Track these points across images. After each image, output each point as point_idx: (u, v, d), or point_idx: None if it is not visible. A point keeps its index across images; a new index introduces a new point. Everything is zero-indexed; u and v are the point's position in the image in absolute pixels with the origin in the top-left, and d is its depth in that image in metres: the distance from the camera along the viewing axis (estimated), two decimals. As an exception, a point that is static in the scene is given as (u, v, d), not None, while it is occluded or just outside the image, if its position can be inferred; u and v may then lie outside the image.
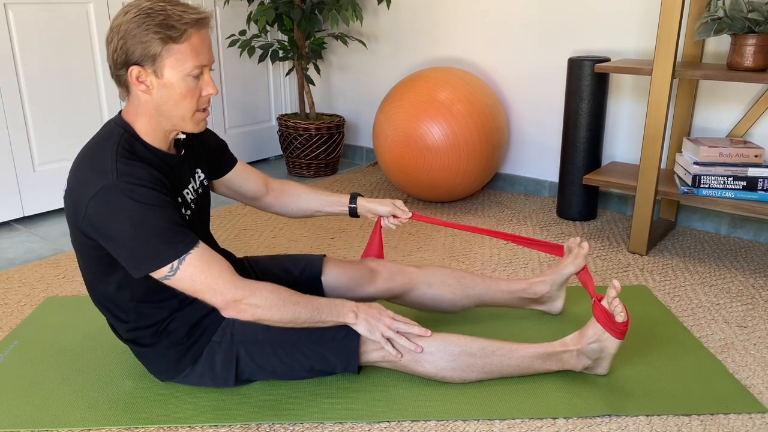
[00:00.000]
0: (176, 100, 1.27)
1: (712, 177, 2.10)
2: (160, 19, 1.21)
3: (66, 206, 1.29)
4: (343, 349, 1.43)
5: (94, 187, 1.21)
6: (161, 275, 1.25)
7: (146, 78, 1.25)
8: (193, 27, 1.24)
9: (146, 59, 1.23)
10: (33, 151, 2.59)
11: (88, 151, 1.28)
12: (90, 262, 1.34)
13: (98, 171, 1.22)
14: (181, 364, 1.43)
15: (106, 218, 1.21)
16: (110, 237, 1.22)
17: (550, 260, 2.22)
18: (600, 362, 1.49)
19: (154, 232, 1.21)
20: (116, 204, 1.20)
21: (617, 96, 2.62)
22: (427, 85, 2.62)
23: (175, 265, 1.23)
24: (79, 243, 1.32)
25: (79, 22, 2.63)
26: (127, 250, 1.22)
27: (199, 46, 1.25)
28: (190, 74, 1.25)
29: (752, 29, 1.99)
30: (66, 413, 1.41)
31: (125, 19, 1.22)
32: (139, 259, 1.23)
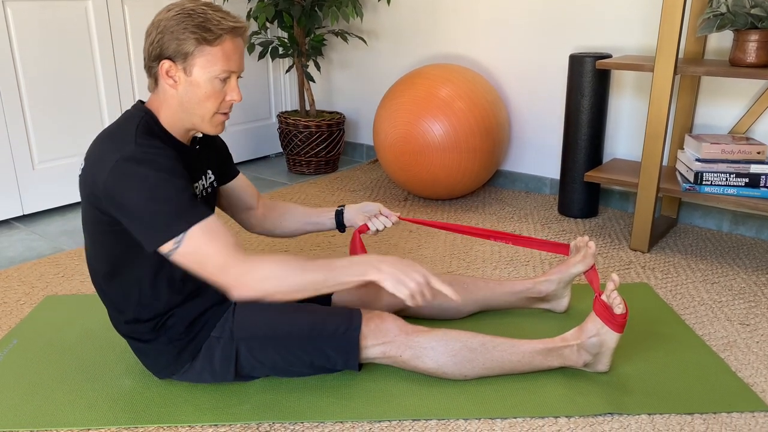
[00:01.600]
0: (200, 99, 1.32)
1: (714, 174, 2.09)
2: (199, 20, 1.27)
3: (83, 185, 1.30)
4: (344, 344, 1.43)
5: (113, 158, 1.23)
6: (167, 250, 1.24)
7: (175, 73, 1.30)
8: (228, 33, 1.29)
9: (178, 55, 1.28)
10: (32, 149, 2.59)
11: (108, 131, 1.31)
12: (102, 243, 1.34)
13: (118, 144, 1.26)
14: (180, 361, 1.43)
15: (123, 188, 1.22)
16: (126, 208, 1.23)
17: (552, 257, 2.21)
18: (600, 358, 1.48)
19: (165, 204, 1.23)
20: (133, 173, 1.22)
21: (619, 93, 2.61)
22: (428, 82, 2.61)
23: (179, 239, 1.23)
24: (93, 221, 1.32)
25: (78, 20, 2.62)
26: (139, 221, 1.24)
27: (230, 52, 1.30)
28: (217, 77, 1.30)
29: (755, 25, 1.98)
30: (65, 412, 1.40)
31: (167, 16, 1.28)
32: (150, 230, 1.24)
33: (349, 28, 3.38)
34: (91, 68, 2.70)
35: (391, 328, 1.45)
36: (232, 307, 1.44)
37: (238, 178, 1.65)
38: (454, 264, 2.16)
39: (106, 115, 2.78)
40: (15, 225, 2.59)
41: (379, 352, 1.45)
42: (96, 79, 2.73)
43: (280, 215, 1.69)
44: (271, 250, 2.29)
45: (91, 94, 2.72)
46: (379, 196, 2.88)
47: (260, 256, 1.27)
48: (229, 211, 1.68)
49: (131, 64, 2.83)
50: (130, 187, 1.22)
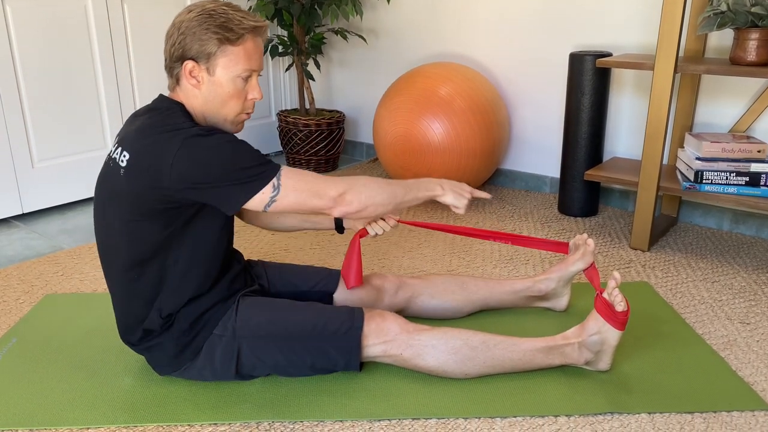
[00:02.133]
0: (223, 99, 1.34)
1: (715, 172, 2.09)
2: (221, 21, 1.29)
3: (132, 176, 1.27)
4: (345, 343, 1.43)
5: (176, 142, 1.24)
6: (265, 200, 1.28)
7: (198, 73, 1.32)
8: (250, 33, 1.32)
9: (201, 56, 1.30)
10: (32, 147, 2.58)
11: (152, 122, 1.30)
12: (139, 238, 1.32)
13: (173, 130, 1.26)
14: (183, 358, 1.43)
15: (199, 164, 1.23)
16: (205, 181, 1.24)
17: (552, 256, 2.21)
18: (601, 356, 1.48)
19: (246, 160, 1.26)
20: (203, 147, 1.24)
21: (619, 91, 2.61)
22: (428, 81, 2.61)
23: (276, 183, 1.28)
24: (136, 214, 1.30)
25: (77, 18, 2.62)
26: (227, 184, 1.25)
27: (252, 52, 1.33)
28: (239, 76, 1.33)
29: (755, 23, 1.97)
30: (65, 411, 1.40)
31: (188, 17, 1.30)
32: (242, 187, 1.26)
33: (349, 27, 3.38)
34: (91, 67, 2.70)
35: (392, 327, 1.45)
36: (235, 305, 1.44)
37: None
38: (454, 263, 2.16)
39: (106, 114, 2.78)
40: (14, 223, 2.59)
41: (380, 350, 1.45)
42: (95, 77, 2.72)
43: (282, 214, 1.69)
44: (273, 248, 2.28)
45: (90, 92, 2.72)
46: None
47: (349, 178, 1.37)
48: None
49: (131, 62, 2.82)
50: (207, 156, 1.24)
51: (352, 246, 1.59)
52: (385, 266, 2.14)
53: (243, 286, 1.51)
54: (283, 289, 1.62)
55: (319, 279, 1.66)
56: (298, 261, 2.18)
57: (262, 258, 2.19)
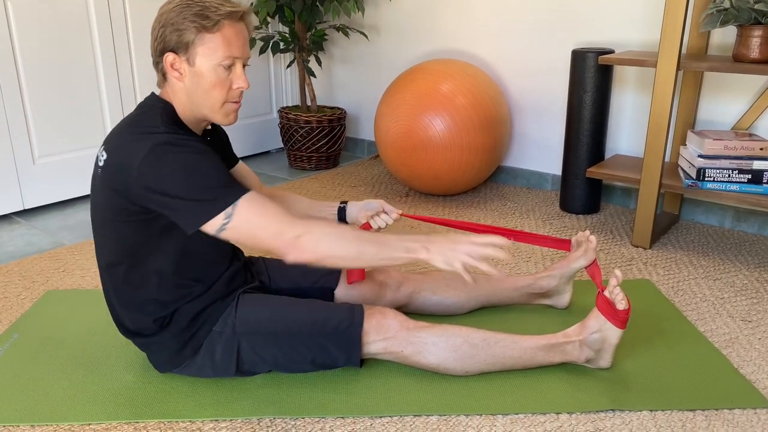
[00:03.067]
0: (206, 89, 1.31)
1: (717, 170, 2.09)
2: (197, 9, 1.27)
3: (106, 175, 1.28)
4: (345, 340, 1.43)
5: (145, 146, 1.23)
6: (216, 225, 1.23)
7: (180, 65, 1.30)
8: (227, 18, 1.28)
9: (181, 47, 1.28)
10: (33, 144, 2.58)
11: (130, 121, 1.31)
12: (122, 234, 1.32)
13: (146, 133, 1.25)
14: (183, 355, 1.43)
15: (160, 173, 1.22)
16: (166, 191, 1.22)
17: (553, 253, 2.20)
18: (602, 354, 1.48)
19: (207, 181, 1.23)
20: (169, 157, 1.22)
21: (621, 88, 2.60)
22: (429, 78, 2.60)
23: (230, 211, 1.23)
24: (115, 211, 1.30)
25: (78, 14, 2.61)
26: (181, 201, 1.22)
27: (231, 38, 1.29)
28: (220, 64, 1.29)
29: (759, 20, 1.97)
30: (66, 407, 1.40)
31: (167, 8, 1.29)
32: (195, 208, 1.23)
33: (351, 23, 3.37)
34: (92, 63, 2.69)
35: (393, 323, 1.44)
36: (234, 302, 1.43)
37: (239, 166, 1.63)
38: (456, 260, 2.16)
39: (107, 110, 2.78)
40: (15, 220, 2.59)
41: (380, 347, 1.45)
42: (96, 73, 2.72)
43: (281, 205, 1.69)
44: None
45: (91, 88, 2.71)
46: (381, 192, 2.87)
47: (313, 221, 1.28)
48: None
49: (132, 58, 2.82)
50: (170, 169, 1.22)
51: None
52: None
53: (243, 283, 1.50)
54: (284, 285, 1.62)
55: (320, 275, 1.65)
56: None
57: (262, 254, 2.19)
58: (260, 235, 1.24)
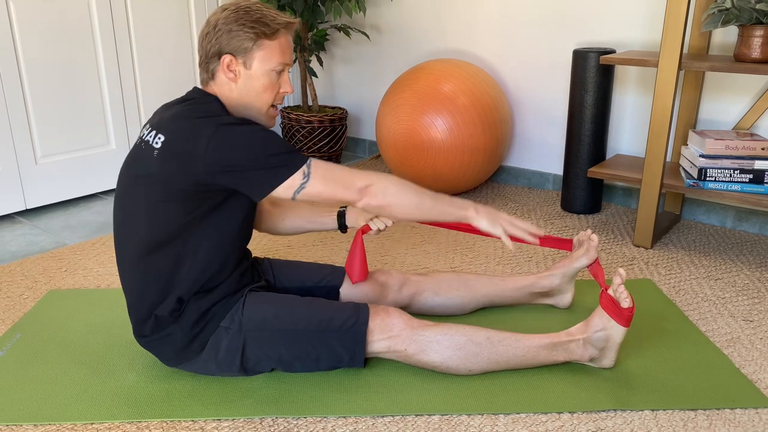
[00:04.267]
0: (258, 91, 1.39)
1: (718, 170, 2.09)
2: (257, 17, 1.36)
3: (166, 157, 1.30)
4: (351, 338, 1.43)
5: (210, 128, 1.28)
6: (296, 185, 1.31)
7: (236, 67, 1.37)
8: (284, 28, 1.39)
9: (239, 50, 1.36)
10: (35, 143, 2.59)
11: (190, 107, 1.35)
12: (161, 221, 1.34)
13: (207, 117, 1.31)
14: (189, 350, 1.43)
15: (232, 148, 1.28)
16: (238, 163, 1.28)
17: (555, 253, 2.21)
18: (606, 352, 1.48)
19: (278, 147, 1.30)
20: (237, 133, 1.29)
21: (622, 88, 2.60)
22: (431, 78, 2.60)
23: (306, 170, 1.31)
24: (167, 195, 1.32)
25: (80, 15, 2.62)
26: (255, 170, 1.29)
27: (285, 47, 1.40)
28: (274, 69, 1.39)
29: (760, 20, 1.97)
30: (69, 407, 1.40)
31: (223, 15, 1.37)
32: (272, 172, 1.29)
33: (352, 23, 3.37)
34: (94, 63, 2.70)
35: (397, 322, 1.45)
36: (242, 299, 1.44)
37: None
38: (457, 260, 2.16)
39: (109, 110, 2.78)
40: (18, 219, 2.59)
41: (384, 346, 1.45)
42: (98, 74, 2.72)
43: (282, 212, 1.69)
44: (276, 244, 2.29)
45: (93, 88, 2.72)
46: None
47: (380, 175, 1.38)
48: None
49: (134, 59, 2.83)
50: (242, 142, 1.28)
51: (355, 242, 1.60)
52: (388, 263, 2.14)
53: (251, 281, 1.51)
54: (289, 284, 1.63)
55: (324, 274, 1.66)
56: (302, 258, 2.18)
57: (266, 255, 2.19)
58: (336, 189, 1.33)
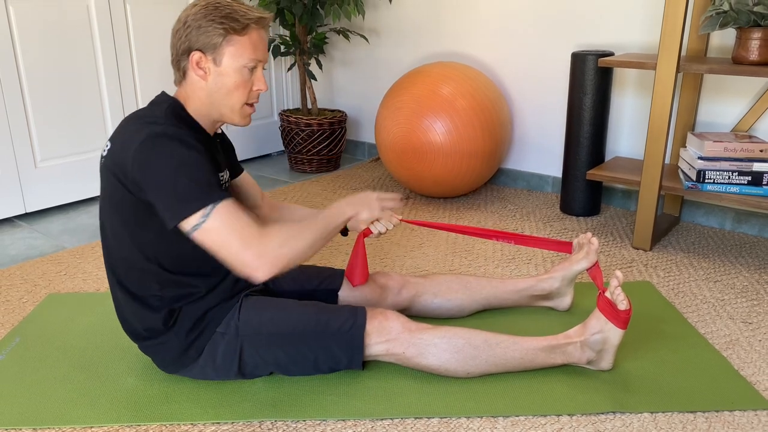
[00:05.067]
0: (229, 89, 1.35)
1: (717, 172, 2.09)
2: (226, 12, 1.31)
3: (110, 164, 1.31)
4: (348, 341, 1.43)
5: (143, 134, 1.26)
6: (192, 223, 1.24)
7: (205, 64, 1.33)
8: (255, 23, 1.34)
9: (208, 47, 1.32)
10: (34, 147, 2.59)
11: (136, 115, 1.34)
12: (124, 227, 1.34)
13: (145, 124, 1.28)
14: (187, 357, 1.43)
15: (152, 161, 1.24)
16: (153, 180, 1.25)
17: (554, 255, 2.21)
18: (603, 355, 1.48)
19: (193, 177, 1.25)
20: (162, 146, 1.25)
21: (621, 90, 2.60)
22: (430, 80, 2.61)
23: (207, 211, 1.24)
24: (117, 203, 1.32)
25: (80, 18, 2.62)
26: (165, 193, 1.24)
27: (257, 42, 1.35)
28: (245, 66, 1.34)
29: (758, 23, 1.97)
30: (68, 410, 1.40)
31: (192, 11, 1.33)
32: (176, 202, 1.24)
33: (351, 26, 3.38)
34: (93, 67, 2.70)
35: (395, 325, 1.45)
36: (238, 304, 1.44)
37: (244, 175, 1.65)
38: (456, 263, 2.16)
39: (108, 114, 2.78)
40: (17, 223, 2.59)
41: (382, 349, 1.45)
42: (98, 77, 2.73)
43: (282, 216, 1.69)
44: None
45: (93, 92, 2.72)
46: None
47: (269, 229, 1.29)
48: None
49: (133, 62, 2.83)
50: (160, 159, 1.24)
51: (357, 245, 1.60)
52: (388, 266, 2.14)
53: (247, 285, 1.51)
54: (287, 288, 1.63)
55: (323, 277, 1.66)
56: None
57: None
58: (230, 243, 1.24)
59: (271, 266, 1.26)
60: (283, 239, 1.28)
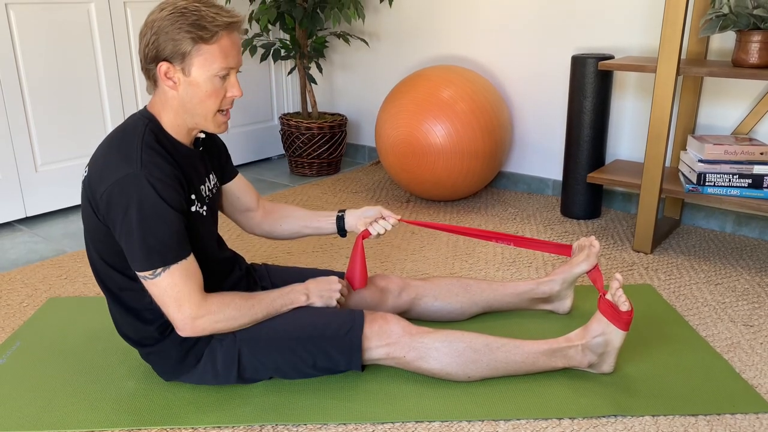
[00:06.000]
0: (201, 98, 1.30)
1: (717, 175, 2.09)
2: (193, 19, 1.24)
3: (85, 190, 1.31)
4: (346, 344, 1.43)
5: (117, 173, 1.24)
6: (143, 275, 1.28)
7: (174, 74, 1.28)
8: (224, 29, 1.27)
9: (176, 56, 1.26)
10: (35, 151, 2.59)
11: (114, 139, 1.31)
12: (103, 247, 1.34)
13: (123, 158, 1.25)
14: (185, 364, 1.43)
15: (121, 206, 1.23)
16: (116, 225, 1.25)
17: (554, 258, 2.21)
18: (605, 358, 1.48)
19: (154, 234, 1.24)
20: (133, 194, 1.23)
21: (621, 93, 2.61)
22: (430, 84, 2.61)
23: (159, 271, 1.26)
24: (93, 228, 1.33)
25: (80, 22, 2.63)
26: (127, 243, 1.26)
27: (228, 49, 1.29)
28: (216, 75, 1.29)
29: (758, 26, 1.97)
30: (69, 415, 1.40)
31: (160, 15, 1.26)
32: (133, 255, 1.26)
33: (351, 30, 3.38)
34: (94, 71, 2.71)
35: (395, 329, 1.45)
36: None
37: (237, 179, 1.63)
38: (457, 265, 2.16)
39: (109, 118, 2.79)
40: (18, 227, 2.59)
41: (383, 353, 1.45)
42: (98, 81, 2.73)
43: (280, 218, 1.68)
44: (276, 251, 2.28)
45: (93, 96, 2.73)
46: (381, 198, 2.88)
47: (214, 299, 1.33)
48: (229, 212, 1.66)
49: (133, 66, 2.83)
50: (127, 208, 1.23)
51: (356, 248, 1.59)
52: (388, 269, 2.14)
53: (246, 290, 1.51)
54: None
55: None
56: (301, 264, 2.18)
57: (265, 261, 2.19)
58: (169, 302, 1.29)
59: (193, 333, 1.32)
60: (222, 317, 1.33)
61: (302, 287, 1.48)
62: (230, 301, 1.36)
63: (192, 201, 1.35)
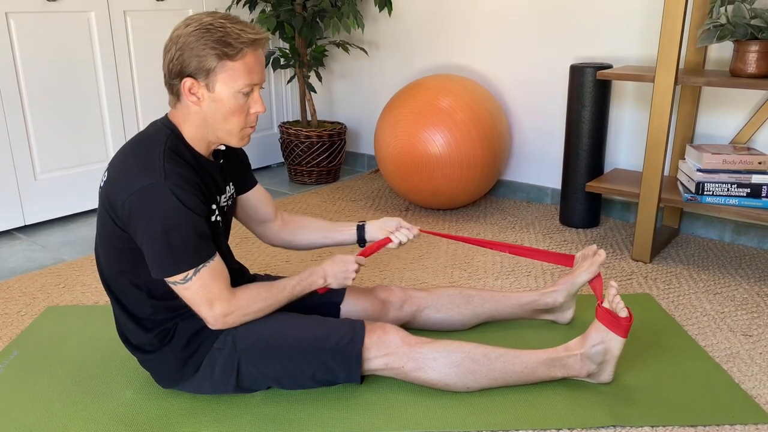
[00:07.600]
0: (225, 115, 1.31)
1: (716, 184, 2.09)
2: (219, 35, 1.25)
3: (104, 195, 1.31)
4: (346, 356, 1.42)
5: (140, 182, 1.24)
6: (173, 281, 1.30)
7: (198, 90, 1.29)
8: (249, 46, 1.28)
9: (200, 72, 1.27)
10: (34, 160, 2.59)
11: (135, 146, 1.32)
12: (115, 253, 1.35)
13: (145, 167, 1.26)
14: (184, 372, 1.43)
15: (144, 215, 1.24)
16: (142, 233, 1.26)
17: (554, 268, 2.20)
18: (604, 367, 1.48)
19: (181, 239, 1.26)
20: (157, 203, 1.24)
21: (619, 103, 2.61)
22: (429, 93, 2.61)
23: (190, 275, 1.29)
24: (108, 234, 1.33)
25: (80, 31, 2.63)
26: (153, 250, 1.27)
27: (252, 65, 1.30)
28: (240, 91, 1.30)
29: (755, 36, 1.98)
30: (66, 425, 1.39)
31: (185, 31, 1.27)
32: (161, 262, 1.27)
33: (351, 39, 3.39)
34: (93, 79, 2.71)
35: (394, 339, 1.44)
36: None
37: (256, 189, 1.62)
38: (456, 275, 2.16)
39: (108, 126, 2.79)
40: (16, 235, 2.59)
41: (381, 363, 1.44)
42: (98, 90, 2.74)
43: (297, 228, 1.68)
44: (274, 260, 2.28)
45: (93, 104, 2.73)
46: (381, 206, 2.88)
47: (242, 294, 1.38)
48: (246, 221, 1.66)
49: (133, 75, 2.84)
50: (150, 216, 1.24)
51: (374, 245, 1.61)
52: (387, 278, 2.14)
53: None
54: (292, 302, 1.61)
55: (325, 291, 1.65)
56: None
57: (265, 271, 2.19)
58: (200, 304, 1.32)
59: (224, 327, 1.37)
60: (250, 311, 1.39)
61: (320, 270, 1.51)
62: (256, 294, 1.40)
63: (212, 211, 1.37)
